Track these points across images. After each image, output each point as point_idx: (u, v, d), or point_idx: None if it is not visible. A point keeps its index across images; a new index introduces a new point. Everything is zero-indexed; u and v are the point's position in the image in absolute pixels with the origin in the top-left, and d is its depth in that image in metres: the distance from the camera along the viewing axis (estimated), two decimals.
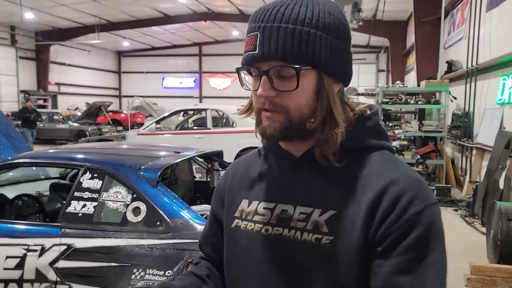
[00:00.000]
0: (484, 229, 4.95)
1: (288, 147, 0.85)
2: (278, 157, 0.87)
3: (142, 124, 13.89)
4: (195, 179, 3.94)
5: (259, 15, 0.77)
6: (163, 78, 29.05)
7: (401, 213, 0.71)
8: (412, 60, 13.80)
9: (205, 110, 9.27)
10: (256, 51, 0.75)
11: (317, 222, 0.77)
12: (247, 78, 0.82)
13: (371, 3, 14.36)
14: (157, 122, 9.22)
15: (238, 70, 0.81)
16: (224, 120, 9.37)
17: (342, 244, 0.75)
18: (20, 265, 2.41)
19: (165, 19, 20.32)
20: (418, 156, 7.82)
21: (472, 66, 7.56)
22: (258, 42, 0.75)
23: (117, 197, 2.47)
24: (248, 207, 0.88)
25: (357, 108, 0.84)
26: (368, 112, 0.84)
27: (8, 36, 20.37)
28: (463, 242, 4.94)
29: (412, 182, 0.75)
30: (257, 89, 0.77)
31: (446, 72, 9.09)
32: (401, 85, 8.64)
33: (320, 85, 0.77)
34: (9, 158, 2.96)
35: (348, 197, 0.77)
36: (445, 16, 9.97)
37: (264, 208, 0.85)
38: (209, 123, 8.84)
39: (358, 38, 20.03)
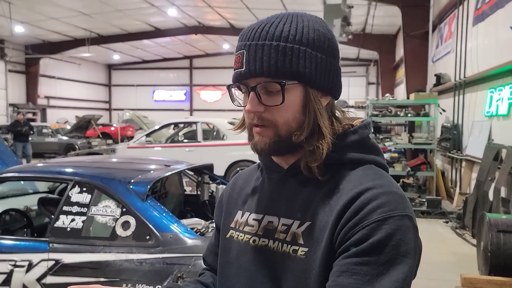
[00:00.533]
0: (474, 241, 4.97)
1: (279, 160, 0.87)
2: (269, 170, 0.89)
3: (132, 137, 13.82)
4: (185, 193, 3.92)
5: (246, 34, 0.80)
6: (154, 91, 29.03)
7: (362, 218, 0.71)
8: (401, 73, 14.00)
9: (195, 123, 9.27)
10: (243, 69, 0.78)
11: (295, 234, 0.79)
12: (237, 93, 0.85)
13: (360, 17, 14.60)
14: (148, 135, 9.18)
15: (228, 87, 0.84)
16: (214, 133, 9.37)
17: (312, 255, 0.76)
18: (6, 281, 2.37)
19: (156, 33, 20.40)
20: (409, 168, 7.87)
21: (460, 79, 7.68)
22: (244, 60, 0.78)
23: (106, 211, 2.44)
24: (241, 218, 0.91)
25: (347, 122, 0.85)
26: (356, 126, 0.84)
27: None
28: (454, 254, 4.95)
29: (384, 192, 0.73)
30: (246, 105, 0.80)
31: (435, 85, 9.22)
32: (390, 98, 8.74)
33: (306, 99, 0.79)
34: None
35: (322, 208, 0.78)
36: (433, 30, 10.17)
37: (253, 219, 0.87)
38: (200, 136, 8.83)
39: (347, 51, 20.29)
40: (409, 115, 8.27)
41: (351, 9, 10.10)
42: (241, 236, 0.88)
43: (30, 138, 11.95)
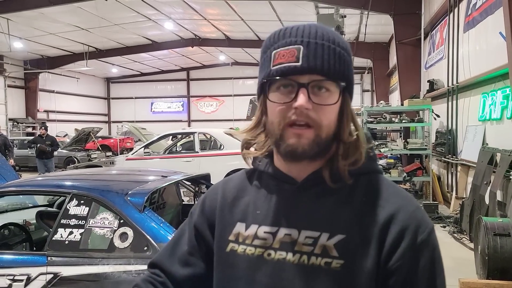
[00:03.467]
0: (472, 245, 4.99)
1: (289, 169, 0.85)
2: (277, 180, 0.86)
3: (131, 149, 13.85)
4: (183, 203, 3.95)
5: (295, 32, 0.79)
6: (152, 103, 29.13)
7: (411, 241, 0.77)
8: (395, 80, 14.11)
9: (192, 133, 9.32)
10: (299, 63, 0.76)
11: (326, 246, 0.78)
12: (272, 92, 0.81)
13: (353, 26, 14.75)
14: (146, 146, 9.23)
15: (268, 80, 0.80)
16: (211, 143, 9.43)
17: (353, 268, 0.77)
18: None
19: (153, 46, 20.55)
20: (405, 174, 7.91)
21: (453, 84, 7.76)
22: (301, 55, 0.77)
23: (104, 223, 2.48)
24: (245, 231, 0.86)
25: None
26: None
27: None
28: (452, 258, 4.97)
29: (415, 209, 0.81)
30: (289, 102, 0.77)
31: (428, 91, 9.30)
32: (384, 105, 8.81)
33: (344, 103, 0.82)
34: None
35: (356, 221, 0.79)
36: (425, 37, 10.28)
37: (265, 232, 0.84)
38: (197, 146, 8.88)
39: None
40: (403, 121, 8.34)
41: (344, 19, 10.25)
42: (250, 249, 0.84)
43: (55, 153, 10.90)
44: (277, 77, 0.78)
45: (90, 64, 20.71)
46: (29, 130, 21.44)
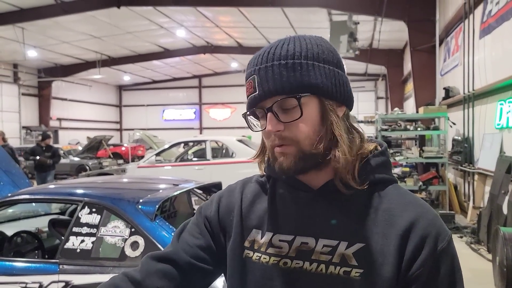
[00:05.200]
0: (490, 256, 4.86)
1: (304, 178, 0.85)
2: (293, 188, 0.86)
3: (143, 157, 13.92)
4: (194, 212, 3.91)
5: (254, 61, 0.82)
6: (164, 110, 29.35)
7: (432, 249, 0.76)
8: (410, 87, 13.98)
9: (204, 141, 9.31)
10: (257, 92, 0.80)
11: (345, 255, 0.78)
12: (254, 122, 0.87)
13: (367, 32, 14.69)
14: (157, 154, 9.25)
15: (244, 116, 0.85)
16: (223, 151, 9.40)
17: (373, 277, 0.76)
18: None
19: (165, 53, 20.75)
20: (421, 183, 7.77)
21: (469, 91, 7.64)
22: (256, 84, 0.80)
23: (115, 231, 2.45)
24: (261, 238, 0.86)
25: (370, 143, 0.87)
26: (379, 147, 0.87)
27: (11, 73, 20.76)
28: (470, 270, 4.84)
29: (434, 217, 0.80)
30: (265, 128, 0.80)
31: (444, 98, 9.18)
32: (399, 112, 8.70)
33: (323, 110, 0.80)
34: (9, 194, 2.95)
35: (374, 230, 0.79)
36: (440, 44, 10.17)
37: (280, 240, 0.83)
38: (209, 154, 8.86)
39: (355, 66, 20.35)
40: (419, 129, 8.21)
41: (357, 25, 10.20)
42: (264, 258, 0.84)
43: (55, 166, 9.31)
44: (249, 108, 0.83)
45: (103, 72, 21.01)
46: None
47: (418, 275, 0.76)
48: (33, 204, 3.87)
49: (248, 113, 0.84)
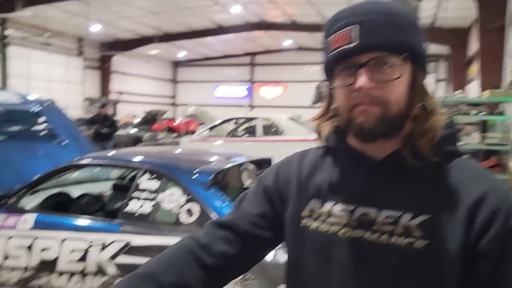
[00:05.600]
0: None
1: (366, 148, 0.82)
2: (355, 159, 0.84)
3: (194, 132, 14.30)
4: (244, 186, 4.00)
5: (347, 13, 0.78)
6: (215, 87, 29.72)
7: (503, 223, 0.73)
8: (473, 69, 13.14)
9: (255, 118, 9.38)
10: (356, 43, 0.75)
11: (409, 226, 0.77)
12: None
13: (430, 10, 13.88)
14: (210, 129, 9.46)
15: (329, 67, 0.81)
16: (273, 129, 9.43)
17: (439, 249, 0.75)
18: (83, 259, 2.57)
19: (219, 30, 20.88)
20: None
21: None
22: (357, 35, 0.75)
23: (172, 198, 2.57)
24: (320, 207, 0.86)
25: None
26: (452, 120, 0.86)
27: (76, 47, 21.88)
28: None
29: (505, 193, 0.77)
30: (351, 84, 0.77)
31: (511, 83, 8.55)
32: (462, 95, 8.24)
33: (414, 76, 0.79)
34: (75, 159, 3.16)
35: (441, 202, 0.77)
36: (511, 23, 9.43)
37: (341, 210, 0.83)
38: (259, 131, 8.92)
39: None
40: (481, 113, 7.74)
41: (421, 2, 9.64)
42: (323, 227, 0.84)
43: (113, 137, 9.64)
44: (335, 62, 0.78)
45: (159, 47, 21.53)
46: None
47: (486, 251, 0.73)
48: (94, 170, 4.12)
49: (335, 63, 0.79)
